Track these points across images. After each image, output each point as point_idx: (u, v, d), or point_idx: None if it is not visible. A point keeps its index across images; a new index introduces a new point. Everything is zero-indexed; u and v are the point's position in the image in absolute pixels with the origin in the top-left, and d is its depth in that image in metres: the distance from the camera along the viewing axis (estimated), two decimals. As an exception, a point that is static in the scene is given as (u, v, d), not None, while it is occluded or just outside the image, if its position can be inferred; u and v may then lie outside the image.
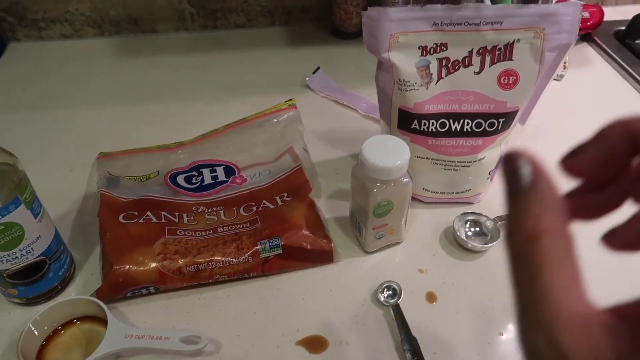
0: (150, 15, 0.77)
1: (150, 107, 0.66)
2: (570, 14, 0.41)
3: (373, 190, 0.42)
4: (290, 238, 0.45)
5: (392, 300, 0.43)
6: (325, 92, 0.67)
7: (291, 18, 0.81)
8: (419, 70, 0.43)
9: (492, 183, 0.54)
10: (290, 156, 0.54)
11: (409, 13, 0.41)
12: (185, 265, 0.43)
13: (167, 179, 0.52)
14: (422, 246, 0.49)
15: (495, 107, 0.45)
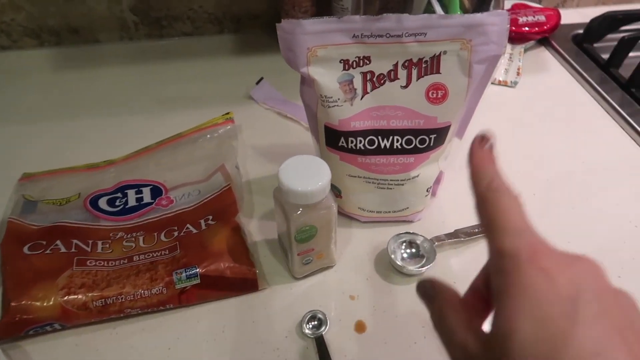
0: (91, 25, 0.74)
1: (86, 123, 0.62)
2: (497, 23, 0.38)
3: (293, 215, 0.39)
4: (210, 266, 0.42)
5: (317, 332, 0.41)
6: (269, 103, 0.64)
7: (240, 26, 0.78)
8: (341, 85, 0.41)
9: (433, 200, 0.52)
10: (222, 175, 0.51)
11: (325, 25, 0.38)
12: (91, 299, 0.39)
13: (87, 202, 0.49)
14: (355, 270, 0.46)
15: (425, 122, 0.42)
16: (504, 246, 0.23)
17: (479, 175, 0.27)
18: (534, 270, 0.22)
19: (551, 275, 0.22)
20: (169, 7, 0.74)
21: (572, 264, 0.23)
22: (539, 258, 0.22)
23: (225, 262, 0.42)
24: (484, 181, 0.26)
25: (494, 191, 0.25)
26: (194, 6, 0.74)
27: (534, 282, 0.22)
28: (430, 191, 0.48)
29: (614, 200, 0.53)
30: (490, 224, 0.25)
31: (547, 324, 0.21)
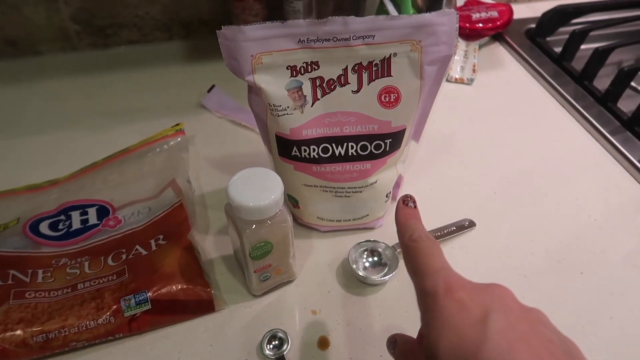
0: (29, 36, 0.69)
1: (26, 141, 0.59)
2: (446, 23, 0.37)
3: (246, 231, 0.37)
4: (161, 290, 0.39)
5: (278, 352, 0.39)
6: (222, 111, 0.62)
7: (190, 31, 0.75)
8: (290, 92, 0.39)
9: (394, 204, 0.50)
10: (173, 190, 0.49)
11: (269, 30, 0.36)
12: (31, 335, 0.36)
13: (26, 228, 0.45)
14: (317, 283, 0.44)
15: (379, 127, 0.41)
16: (424, 286, 0.27)
17: (403, 230, 0.32)
18: (450, 302, 0.26)
19: (464, 304, 0.25)
20: (113, 14, 0.70)
21: (483, 290, 0.26)
22: (453, 291, 0.26)
23: (177, 284, 0.40)
24: (407, 234, 0.31)
25: (414, 241, 0.30)
26: (139, 13, 0.71)
27: (450, 312, 0.25)
28: (390, 196, 0.47)
29: (572, 194, 0.53)
30: (413, 269, 0.29)
31: (463, 344, 0.24)
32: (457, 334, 0.25)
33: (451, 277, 0.27)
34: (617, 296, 0.44)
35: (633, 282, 0.45)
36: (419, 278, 0.28)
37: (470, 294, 0.26)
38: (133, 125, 0.60)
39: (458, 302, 0.26)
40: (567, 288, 0.44)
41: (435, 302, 0.26)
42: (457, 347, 0.24)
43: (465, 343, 0.24)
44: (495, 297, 0.26)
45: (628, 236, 0.49)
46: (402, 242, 0.31)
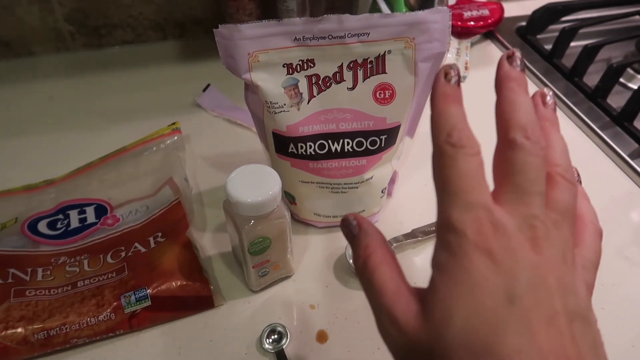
0: (23, 37, 0.69)
1: (22, 141, 0.59)
2: (439, 21, 0.38)
3: (244, 227, 0.38)
4: (160, 286, 0.40)
5: (277, 345, 0.39)
6: (218, 110, 0.62)
7: (184, 31, 0.75)
8: (286, 90, 0.39)
9: (389, 200, 0.51)
10: (171, 188, 0.49)
11: (265, 29, 0.37)
12: (32, 333, 0.37)
13: (24, 227, 0.46)
14: (315, 278, 0.45)
15: (374, 124, 0.41)
16: (451, 218, 0.22)
17: (440, 121, 0.24)
18: (477, 254, 0.21)
19: (494, 262, 0.21)
20: (107, 15, 0.71)
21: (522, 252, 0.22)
22: (485, 239, 0.21)
23: (176, 281, 0.41)
24: (445, 130, 0.23)
25: (453, 146, 0.23)
26: (133, 13, 0.71)
27: (475, 268, 0.21)
28: (385, 192, 0.48)
29: (564, 188, 0.54)
30: (442, 187, 0.23)
31: (483, 317, 0.20)
32: (478, 302, 0.21)
33: (487, 218, 0.21)
34: (608, 287, 0.45)
35: (624, 273, 0.46)
36: (446, 202, 0.22)
37: (504, 248, 0.21)
38: (128, 125, 0.60)
39: (487, 258, 0.21)
40: (559, 280, 0.45)
41: (460, 244, 0.21)
42: (475, 317, 0.20)
43: (485, 317, 0.20)
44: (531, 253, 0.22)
45: (618, 229, 0.50)
46: (436, 140, 0.24)
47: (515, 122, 0.24)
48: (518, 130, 0.24)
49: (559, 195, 0.24)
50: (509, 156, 0.24)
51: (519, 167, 0.23)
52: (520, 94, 0.25)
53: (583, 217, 0.27)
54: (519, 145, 0.23)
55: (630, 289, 0.44)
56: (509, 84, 0.25)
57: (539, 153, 0.23)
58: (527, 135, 0.23)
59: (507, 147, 0.24)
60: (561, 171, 0.25)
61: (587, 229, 0.26)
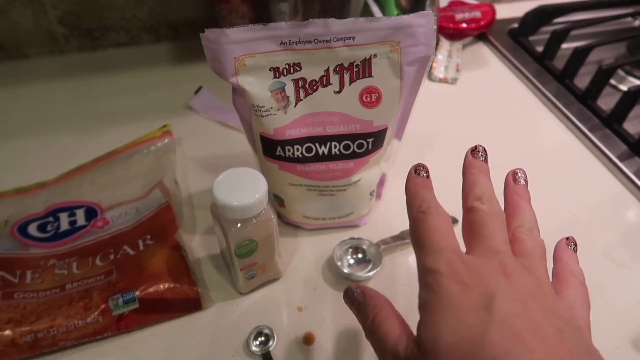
0: (16, 40, 0.70)
1: (14, 144, 0.59)
2: (424, 24, 0.38)
3: (231, 230, 0.38)
4: (148, 289, 0.40)
5: (264, 348, 0.40)
6: (210, 112, 0.63)
7: (178, 33, 0.76)
8: (273, 93, 0.40)
9: (378, 202, 0.51)
10: (161, 191, 0.49)
11: (251, 33, 0.37)
12: (19, 335, 0.37)
13: (15, 229, 0.46)
14: (303, 280, 0.45)
15: (361, 127, 0.41)
16: (426, 263, 0.26)
17: (412, 200, 0.30)
18: (452, 283, 0.25)
19: (467, 286, 0.24)
20: (100, 17, 0.71)
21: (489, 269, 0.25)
22: (456, 272, 0.25)
23: (164, 283, 0.41)
24: (416, 204, 0.29)
25: (422, 213, 0.28)
26: (126, 15, 0.72)
27: (451, 293, 0.24)
28: (374, 194, 0.48)
29: (553, 190, 0.54)
30: (418, 243, 0.28)
31: (465, 330, 0.23)
32: (459, 319, 0.23)
33: (455, 257, 0.26)
34: (594, 288, 0.44)
35: (610, 275, 0.46)
36: (421, 253, 0.27)
37: (474, 274, 0.25)
38: (121, 127, 0.61)
39: (461, 285, 0.24)
40: (546, 282, 0.45)
41: (436, 280, 0.25)
42: (459, 332, 0.23)
43: (467, 329, 0.23)
44: (502, 278, 0.24)
45: (606, 230, 0.50)
46: (410, 214, 0.29)
47: (472, 195, 0.30)
48: (475, 199, 0.29)
49: (523, 246, 0.28)
50: (471, 219, 0.29)
51: (480, 224, 0.28)
52: (479, 177, 0.31)
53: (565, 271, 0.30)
54: (476, 209, 0.29)
55: (616, 290, 0.45)
56: (471, 170, 0.31)
57: (494, 212, 0.28)
58: (482, 201, 0.29)
59: (469, 213, 0.29)
60: (524, 230, 0.29)
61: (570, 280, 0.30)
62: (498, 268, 0.25)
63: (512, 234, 0.29)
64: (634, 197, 0.53)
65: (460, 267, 0.25)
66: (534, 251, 0.28)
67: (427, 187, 0.31)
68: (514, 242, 0.29)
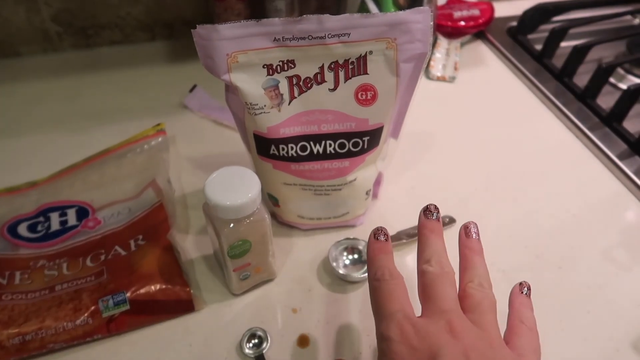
0: (9, 37, 0.69)
1: (5, 142, 0.58)
2: (421, 21, 0.37)
3: (223, 230, 0.37)
4: (139, 290, 0.39)
5: (257, 350, 0.39)
6: (205, 111, 0.62)
7: (173, 32, 0.75)
8: (267, 91, 0.39)
9: (375, 202, 0.51)
10: (154, 190, 0.49)
11: (244, 29, 0.36)
12: (7, 337, 0.36)
13: (4, 230, 0.45)
14: (297, 281, 0.44)
15: (356, 125, 0.41)
16: (381, 330, 0.29)
17: (370, 266, 0.32)
18: (401, 348, 0.27)
19: (415, 349, 0.27)
20: (95, 15, 0.70)
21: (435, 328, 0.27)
22: (405, 336, 0.27)
23: (156, 284, 0.40)
24: (372, 272, 0.32)
25: (377, 280, 0.31)
26: (121, 13, 0.71)
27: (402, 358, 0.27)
28: (370, 194, 0.47)
29: (552, 190, 0.53)
30: (375, 310, 0.30)
31: None
32: None
33: (406, 321, 0.28)
34: (594, 290, 0.44)
35: (609, 276, 0.45)
36: (378, 320, 0.29)
37: (422, 336, 0.27)
38: (114, 126, 0.60)
39: (410, 349, 0.27)
40: (545, 283, 0.45)
41: (389, 347, 0.27)
42: None
43: None
44: (447, 336, 0.27)
45: (606, 230, 0.49)
46: (369, 282, 0.32)
47: (423, 258, 0.32)
48: (425, 262, 0.31)
49: (472, 301, 0.30)
50: (422, 282, 0.31)
51: (429, 286, 0.30)
52: (430, 238, 0.33)
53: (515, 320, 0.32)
54: (425, 272, 0.31)
55: (616, 291, 0.44)
56: (423, 231, 0.33)
57: (443, 273, 0.30)
58: (431, 264, 0.31)
59: (420, 276, 0.31)
60: (474, 285, 0.31)
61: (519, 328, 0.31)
62: (444, 327, 0.27)
63: (462, 289, 0.31)
64: (634, 196, 0.53)
65: (409, 332, 0.27)
66: (482, 304, 0.30)
67: (384, 251, 0.33)
68: (464, 298, 0.30)
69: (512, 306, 0.33)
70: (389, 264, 0.32)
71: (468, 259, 0.33)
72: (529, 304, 0.33)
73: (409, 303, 0.30)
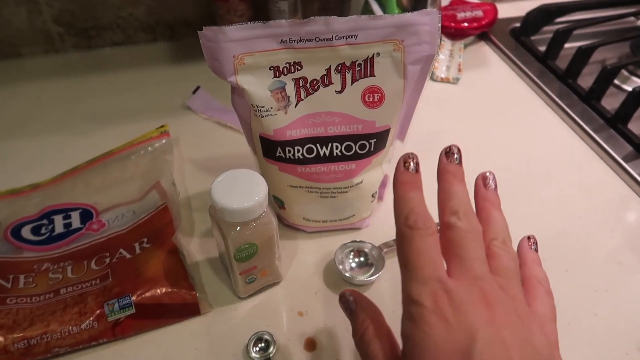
0: (10, 39, 0.69)
1: (7, 144, 0.58)
2: (428, 23, 0.37)
3: (230, 234, 0.37)
4: (145, 294, 0.39)
5: (264, 354, 0.39)
6: (208, 112, 0.62)
7: (175, 33, 0.74)
8: (273, 93, 0.39)
9: (380, 204, 0.50)
10: (158, 192, 0.48)
11: (250, 31, 0.36)
12: (12, 342, 0.36)
13: (8, 232, 0.45)
14: (303, 284, 0.44)
15: (363, 127, 0.40)
16: (412, 292, 0.26)
17: (399, 205, 0.28)
18: (436, 319, 0.25)
19: (450, 325, 0.24)
20: (96, 16, 0.70)
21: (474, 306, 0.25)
22: (440, 307, 0.25)
23: (161, 288, 0.40)
24: (403, 213, 0.28)
25: (410, 227, 0.27)
26: (123, 14, 0.71)
27: (434, 332, 0.24)
28: (376, 196, 0.47)
29: (557, 191, 0.53)
30: (404, 264, 0.27)
31: None
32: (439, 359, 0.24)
33: (440, 288, 0.26)
34: (601, 293, 0.44)
35: (617, 278, 0.45)
36: (407, 278, 0.27)
37: (457, 307, 0.25)
38: (117, 127, 0.60)
39: (444, 322, 0.25)
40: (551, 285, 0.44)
41: (420, 314, 0.25)
42: None
43: None
44: (483, 309, 0.25)
45: (612, 233, 0.49)
46: (397, 224, 0.28)
47: (449, 208, 0.29)
48: (452, 214, 0.28)
49: (499, 263, 0.28)
50: (448, 236, 0.28)
51: (457, 243, 0.27)
52: (455, 185, 0.30)
53: (532, 280, 0.31)
54: (453, 226, 0.28)
55: (624, 294, 0.44)
56: (446, 176, 0.30)
57: (471, 229, 0.28)
58: (459, 217, 0.28)
59: (446, 229, 0.28)
60: (498, 243, 0.29)
61: (537, 290, 0.30)
62: (479, 296, 0.26)
63: (486, 246, 0.29)
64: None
65: (443, 301, 0.25)
66: (509, 268, 0.29)
67: (416, 187, 0.29)
68: (490, 257, 0.29)
69: (524, 263, 0.32)
70: (422, 206, 0.28)
71: (488, 212, 0.31)
72: (539, 260, 0.32)
73: (442, 262, 0.27)
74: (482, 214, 0.31)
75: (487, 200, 0.32)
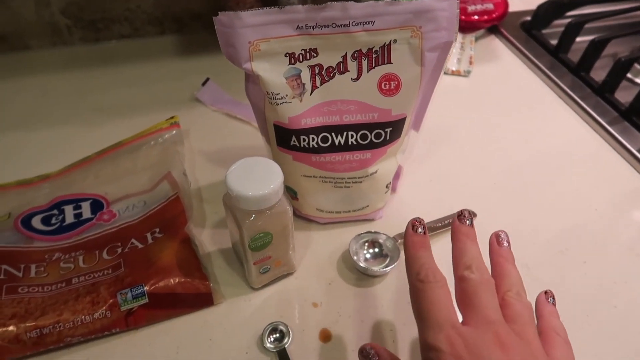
0: (19, 31, 0.68)
1: (17, 135, 0.57)
2: (447, 9, 0.36)
3: (245, 222, 0.36)
4: (158, 283, 0.39)
5: (279, 345, 0.38)
6: (217, 105, 0.61)
7: (182, 26, 0.74)
8: (288, 80, 0.38)
9: (393, 196, 0.50)
10: (169, 183, 0.48)
11: (266, 16, 0.36)
12: (24, 331, 0.35)
13: (18, 222, 0.44)
14: (317, 275, 0.44)
15: (379, 116, 0.40)
16: (428, 340, 0.28)
17: (411, 263, 0.31)
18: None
19: None
20: (104, 8, 0.69)
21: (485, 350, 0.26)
22: (455, 349, 0.27)
23: (175, 278, 0.39)
24: (414, 270, 0.31)
25: (421, 282, 0.30)
26: (130, 6, 0.70)
27: None
28: (390, 187, 0.46)
29: (572, 184, 0.53)
30: (419, 315, 0.29)
31: None
32: None
33: (454, 332, 0.27)
34: (620, 285, 0.43)
35: (636, 270, 0.44)
36: (423, 327, 0.29)
37: (471, 349, 0.27)
38: (125, 120, 0.59)
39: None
40: (569, 278, 0.44)
41: (438, 358, 0.27)
42: None
43: None
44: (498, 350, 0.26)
45: (629, 225, 0.48)
46: (410, 279, 0.31)
47: (462, 264, 0.31)
48: (465, 268, 0.31)
49: (513, 311, 0.30)
50: (462, 287, 0.30)
51: (471, 294, 0.29)
52: (467, 244, 0.32)
53: (550, 331, 0.32)
54: (467, 278, 0.30)
55: (642, 286, 0.43)
56: (459, 236, 0.33)
57: (484, 280, 0.30)
58: (472, 270, 0.30)
59: (460, 282, 0.30)
60: (513, 294, 0.31)
61: (555, 340, 0.31)
62: (492, 339, 0.27)
63: (501, 297, 0.31)
64: (655, 191, 0.52)
65: (459, 345, 0.27)
66: (524, 315, 0.30)
67: (424, 246, 0.32)
68: (504, 307, 0.30)
69: (541, 316, 0.33)
70: (431, 262, 0.31)
71: (502, 267, 0.33)
72: (557, 313, 0.34)
73: (454, 310, 0.29)
74: (496, 269, 0.33)
75: (501, 256, 0.34)
